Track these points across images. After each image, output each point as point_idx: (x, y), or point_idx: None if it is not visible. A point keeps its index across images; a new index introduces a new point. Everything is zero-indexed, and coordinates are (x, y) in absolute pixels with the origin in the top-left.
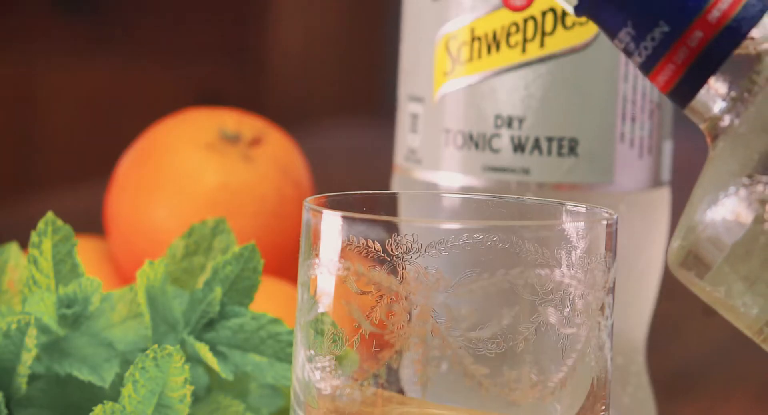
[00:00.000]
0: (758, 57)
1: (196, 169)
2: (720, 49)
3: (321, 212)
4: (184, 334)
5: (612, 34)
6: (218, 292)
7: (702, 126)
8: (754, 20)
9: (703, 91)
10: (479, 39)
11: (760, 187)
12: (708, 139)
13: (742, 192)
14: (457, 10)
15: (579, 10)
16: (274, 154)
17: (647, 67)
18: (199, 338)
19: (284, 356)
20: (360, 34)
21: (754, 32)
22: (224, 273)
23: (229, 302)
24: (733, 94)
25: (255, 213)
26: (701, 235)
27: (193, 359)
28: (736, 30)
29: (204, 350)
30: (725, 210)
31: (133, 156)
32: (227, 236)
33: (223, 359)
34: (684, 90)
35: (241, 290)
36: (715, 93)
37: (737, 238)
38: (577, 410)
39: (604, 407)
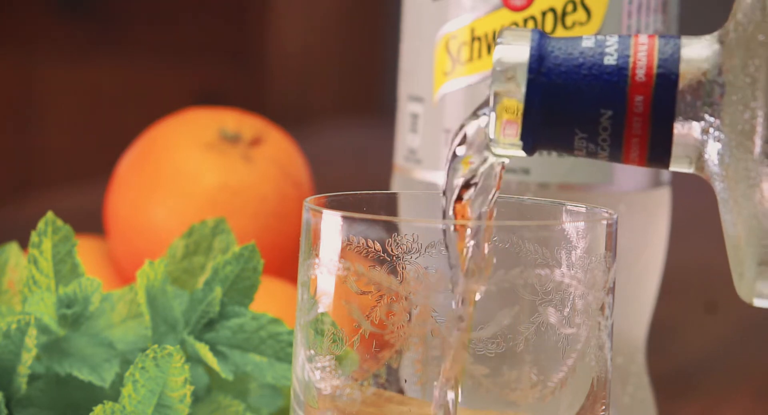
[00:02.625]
0: (699, 83)
1: (196, 169)
2: (665, 98)
3: (321, 212)
4: (184, 334)
5: (569, 148)
6: (218, 292)
7: (694, 171)
8: (675, 56)
9: (676, 141)
10: (479, 39)
11: None
12: (706, 178)
13: None
14: (457, 10)
15: (528, 149)
16: (274, 154)
17: (616, 155)
18: (199, 338)
19: (284, 356)
20: (360, 34)
21: (683, 66)
22: (224, 273)
23: (229, 302)
24: (702, 125)
25: (255, 213)
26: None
27: (193, 359)
28: (668, 74)
29: (204, 350)
30: None
31: (133, 156)
32: (227, 236)
33: (223, 359)
34: (659, 152)
35: (241, 290)
36: (686, 135)
37: None
38: (577, 410)
39: (604, 407)
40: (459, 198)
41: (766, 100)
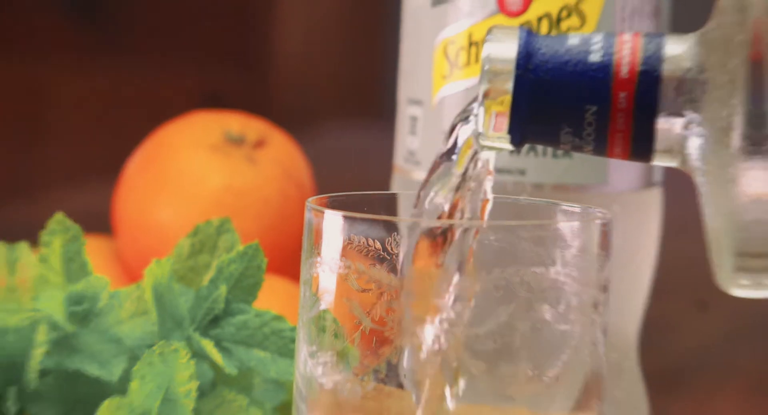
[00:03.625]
0: (681, 80)
1: (201, 170)
2: (648, 94)
3: (323, 212)
4: (189, 330)
5: (555, 142)
6: (223, 289)
7: (677, 165)
8: (658, 54)
9: (658, 137)
10: (476, 44)
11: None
12: (688, 172)
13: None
14: (455, 16)
15: (515, 143)
16: (277, 156)
17: (601, 149)
18: (205, 334)
19: (287, 351)
20: (360, 37)
21: (665, 63)
22: (229, 271)
23: (234, 299)
24: (684, 120)
25: (259, 214)
26: (746, 232)
27: (198, 354)
28: (650, 71)
29: (209, 346)
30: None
31: (139, 158)
32: (231, 235)
33: (227, 354)
34: (642, 147)
35: (245, 288)
36: (668, 130)
37: None
38: (571, 404)
39: (598, 402)
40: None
41: (745, 98)
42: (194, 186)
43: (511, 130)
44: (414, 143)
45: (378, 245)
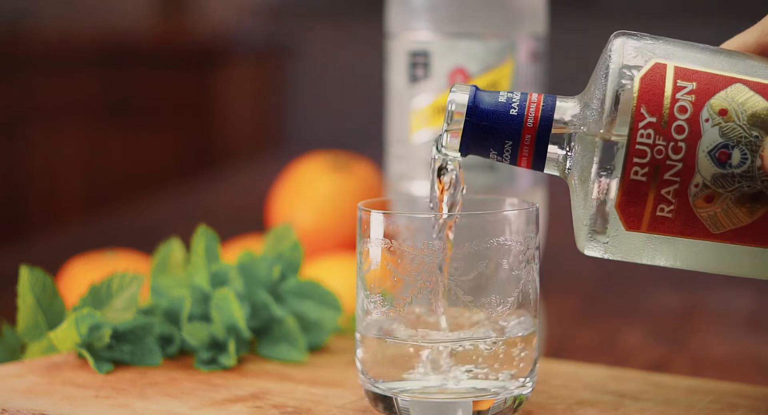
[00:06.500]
0: (564, 127)
1: (320, 185)
2: (543, 137)
3: (370, 211)
4: (264, 288)
5: (486, 157)
6: (277, 268)
7: (558, 175)
8: (551, 112)
9: (549, 157)
10: (438, 108)
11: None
12: (565, 179)
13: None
14: (425, 90)
15: (463, 155)
16: (362, 175)
17: (513, 163)
18: (273, 292)
19: (323, 303)
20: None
21: (555, 118)
22: (284, 255)
23: (287, 271)
24: (564, 151)
25: (350, 210)
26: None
27: (265, 303)
28: (545, 122)
29: (269, 299)
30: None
31: (283, 178)
32: (290, 233)
33: (283, 303)
34: (538, 164)
35: (292, 264)
36: (554, 155)
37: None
38: (522, 318)
39: (536, 315)
40: (439, 178)
41: (597, 147)
42: (312, 195)
43: (460, 148)
44: (400, 167)
45: (402, 228)
